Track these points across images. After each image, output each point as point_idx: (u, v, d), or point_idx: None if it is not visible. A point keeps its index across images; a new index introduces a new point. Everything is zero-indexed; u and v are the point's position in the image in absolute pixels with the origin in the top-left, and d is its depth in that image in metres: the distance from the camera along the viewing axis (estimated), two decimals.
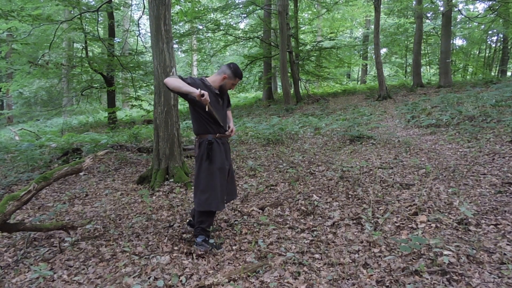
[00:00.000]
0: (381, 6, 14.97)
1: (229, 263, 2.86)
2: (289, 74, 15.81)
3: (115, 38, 14.66)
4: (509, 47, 19.61)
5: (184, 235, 3.38)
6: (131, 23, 20.43)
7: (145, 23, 26.90)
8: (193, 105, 2.97)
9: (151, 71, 12.64)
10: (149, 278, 2.64)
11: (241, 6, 17.48)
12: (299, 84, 17.07)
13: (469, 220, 3.24)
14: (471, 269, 2.48)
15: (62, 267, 2.90)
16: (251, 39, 18.93)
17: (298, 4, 17.97)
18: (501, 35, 19.76)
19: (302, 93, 17.35)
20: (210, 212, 3.09)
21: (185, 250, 3.08)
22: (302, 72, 18.10)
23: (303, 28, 20.91)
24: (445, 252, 2.66)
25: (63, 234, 3.50)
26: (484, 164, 4.93)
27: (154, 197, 4.54)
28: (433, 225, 3.22)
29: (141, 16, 12.01)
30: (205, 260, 2.92)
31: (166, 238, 3.37)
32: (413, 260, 2.65)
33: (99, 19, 13.63)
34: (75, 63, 13.31)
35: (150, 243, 3.28)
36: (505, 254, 2.63)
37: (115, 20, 14.24)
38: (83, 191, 4.96)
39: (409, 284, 2.34)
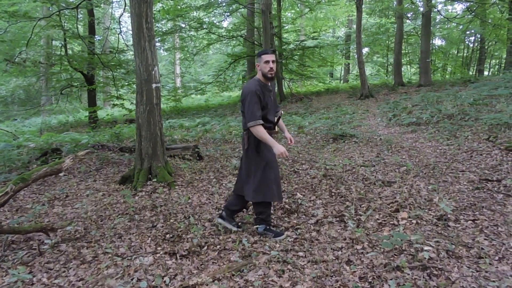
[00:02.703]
0: (363, 6, 15.15)
1: (213, 262, 2.85)
2: None
3: (96, 36, 14.38)
4: (486, 47, 20.16)
5: (167, 235, 3.35)
6: (112, 21, 20.06)
7: (127, 21, 26.53)
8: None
9: (133, 70, 12.46)
10: (132, 280, 2.61)
11: (224, 4, 17.39)
12: (283, 83, 17.13)
13: (448, 216, 3.33)
14: (451, 264, 2.54)
15: (42, 270, 2.83)
16: (234, 38, 18.87)
17: (281, 3, 18.01)
18: (478, 36, 20.29)
19: (286, 92, 17.42)
20: (265, 203, 3.16)
21: (168, 250, 3.05)
22: (285, 71, 18.15)
23: (286, 27, 20.95)
24: (426, 248, 2.72)
25: (43, 236, 3.41)
26: (462, 161, 5.06)
27: (136, 197, 4.48)
28: (414, 221, 3.29)
29: (122, 14, 11.82)
30: (189, 260, 2.90)
31: (149, 238, 3.33)
32: (395, 256, 2.70)
33: (79, 17, 13.31)
34: (54, 61, 12.97)
35: (133, 244, 3.23)
36: (482, 248, 2.71)
37: (95, 17, 13.95)
38: (63, 192, 4.85)
39: (391, 279, 2.38)
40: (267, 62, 3.01)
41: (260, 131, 2.97)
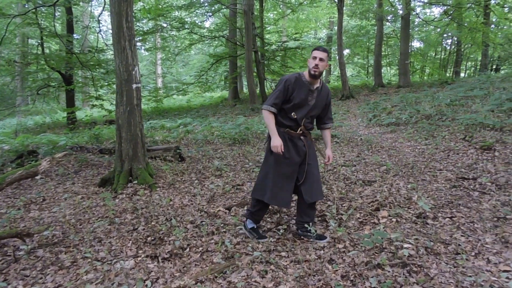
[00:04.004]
0: (344, 8, 15.36)
1: (196, 264, 2.82)
2: (254, 74, 15.86)
3: (74, 35, 14.05)
4: (462, 50, 20.75)
5: (149, 238, 3.30)
6: (91, 19, 19.65)
7: (106, 20, 26.04)
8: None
9: (112, 70, 12.23)
10: (112, 284, 2.56)
11: (206, 4, 17.30)
12: (265, 83, 17.17)
13: (427, 214, 3.40)
14: (429, 260, 2.60)
15: (17, 277, 2.74)
16: (216, 38, 18.80)
17: (263, 4, 18.06)
18: (455, 38, 20.87)
19: (268, 92, 17.46)
20: (260, 201, 3.08)
21: (150, 253, 3.01)
22: (267, 71, 18.20)
23: (268, 28, 21.03)
24: (405, 245, 2.77)
25: (18, 242, 3.30)
26: (440, 160, 5.19)
27: (117, 200, 4.40)
28: (394, 219, 3.35)
29: (102, 13, 11.61)
30: (171, 263, 2.86)
31: (130, 242, 3.27)
32: (376, 254, 2.74)
33: (56, 15, 12.99)
34: (30, 60, 12.62)
35: (113, 248, 3.17)
36: (459, 245, 2.79)
37: (73, 15, 13.64)
38: (40, 195, 4.71)
39: (372, 277, 2.42)
40: (314, 58, 2.86)
41: (266, 117, 2.94)
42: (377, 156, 5.75)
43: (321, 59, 2.84)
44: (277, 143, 2.85)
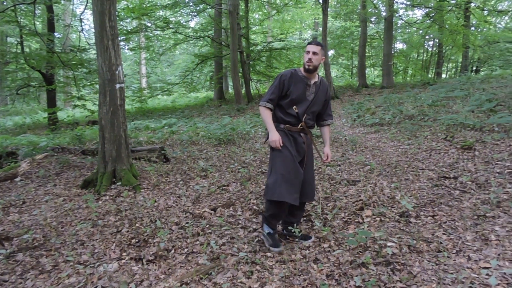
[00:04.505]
0: (329, 10, 15.50)
1: (181, 266, 2.79)
2: (240, 74, 15.85)
3: (55, 33, 13.75)
4: (443, 52, 21.22)
5: (133, 240, 3.25)
6: (73, 18, 19.28)
7: (89, 18, 25.61)
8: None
9: (95, 69, 12.03)
10: None
11: (191, 4, 17.20)
12: (250, 84, 17.18)
13: (410, 212, 3.46)
14: (412, 258, 2.64)
15: None
16: (201, 38, 18.71)
17: (248, 5, 18.07)
18: (437, 40, 21.33)
19: (253, 93, 17.48)
20: (273, 201, 2.86)
21: (134, 256, 2.96)
22: (253, 72, 18.22)
23: (253, 29, 21.05)
24: (389, 244, 2.81)
25: None
26: (422, 160, 5.28)
27: (100, 202, 4.32)
28: (378, 218, 3.39)
29: (84, 11, 11.41)
30: (155, 265, 2.83)
31: (114, 244, 3.22)
32: (360, 253, 2.77)
33: (37, 12, 12.69)
34: (9, 59, 12.29)
35: (96, 251, 3.11)
36: (441, 243, 2.84)
37: (55, 14, 13.35)
38: (20, 198, 4.59)
39: (356, 276, 2.44)
40: (307, 52, 2.82)
41: (262, 113, 2.91)
42: (361, 156, 5.82)
43: (314, 53, 2.80)
44: (275, 137, 2.81)
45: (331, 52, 26.01)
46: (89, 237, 3.38)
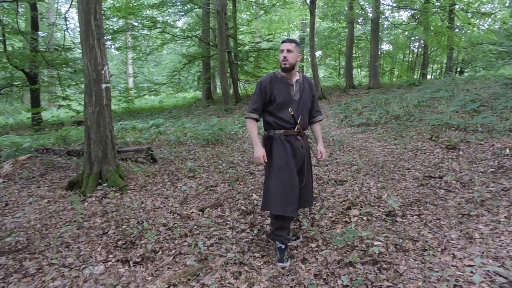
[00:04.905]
0: (316, 10, 15.60)
1: (168, 268, 2.77)
2: (228, 74, 15.82)
3: (39, 32, 13.49)
4: (429, 53, 21.58)
5: (119, 242, 3.21)
6: (57, 17, 18.95)
7: (74, 17, 25.21)
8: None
9: (81, 69, 11.85)
10: None
11: (178, 3, 17.09)
12: (238, 84, 17.16)
13: (396, 212, 3.50)
14: (398, 257, 2.67)
15: None
16: (189, 38, 18.61)
17: (236, 5, 18.05)
18: (422, 42, 21.67)
19: (241, 93, 17.47)
20: (275, 215, 2.76)
21: (121, 258, 2.93)
22: (241, 72, 18.20)
23: (241, 29, 21.04)
24: (376, 243, 2.84)
25: None
26: (408, 160, 5.35)
27: (86, 203, 4.26)
28: (365, 218, 3.42)
29: (69, 10, 11.22)
30: (143, 267, 2.80)
31: (100, 246, 3.17)
32: (347, 252, 2.79)
33: (20, 11, 12.44)
34: None
35: (82, 253, 3.06)
36: (427, 241, 2.88)
37: (38, 12, 13.10)
38: (2, 200, 4.48)
39: (344, 275, 2.46)
40: (282, 51, 2.72)
41: (248, 126, 2.82)
42: (349, 156, 5.87)
43: (288, 51, 2.69)
44: (258, 153, 2.70)
45: (318, 53, 26.19)
46: (74, 239, 3.33)
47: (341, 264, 2.62)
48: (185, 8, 17.75)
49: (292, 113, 2.75)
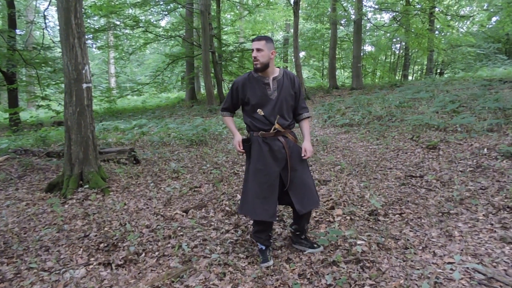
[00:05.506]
0: (300, 12, 15.70)
1: (151, 270, 2.73)
2: (212, 75, 15.75)
3: (17, 30, 13.14)
4: (410, 54, 22.01)
5: (101, 245, 3.15)
6: (36, 14, 18.48)
7: (54, 15, 24.60)
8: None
9: (61, 68, 11.59)
10: None
11: (161, 3, 16.91)
12: (223, 84, 17.10)
13: (379, 211, 3.55)
14: (381, 256, 2.71)
15: None
16: (172, 38, 18.44)
17: (220, 5, 17.99)
18: (403, 43, 22.10)
19: (226, 93, 17.39)
20: (257, 220, 2.73)
21: (103, 261, 2.87)
22: (225, 72, 18.15)
23: (225, 29, 21.00)
24: (359, 242, 2.88)
25: None
26: (390, 159, 5.44)
27: (66, 206, 4.16)
28: (348, 217, 3.46)
29: (48, 7, 10.96)
30: (125, 270, 2.76)
31: (81, 249, 3.11)
32: (331, 252, 2.81)
33: None
34: None
35: (62, 257, 2.99)
36: (408, 240, 2.94)
37: (16, 9, 12.75)
38: None
39: (327, 274, 2.48)
40: (252, 50, 2.60)
41: (224, 120, 2.90)
42: (332, 156, 5.93)
43: (258, 49, 2.56)
44: (235, 140, 2.74)
45: (302, 54, 26.36)
46: (54, 242, 3.25)
47: (325, 263, 2.64)
48: (168, 7, 17.57)
49: (262, 114, 2.64)
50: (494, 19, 21.69)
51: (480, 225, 3.10)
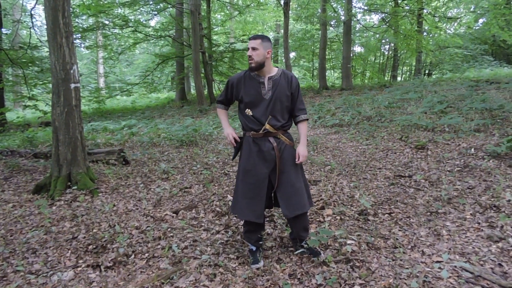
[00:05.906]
0: (290, 12, 15.75)
1: (141, 271, 2.71)
2: (202, 75, 15.70)
3: (3, 29, 12.91)
4: (399, 55, 22.25)
5: (90, 247, 3.11)
6: (23, 13, 18.18)
7: (41, 14, 24.25)
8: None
9: (48, 68, 11.43)
10: None
11: (151, 2, 16.79)
12: (213, 85, 17.06)
13: (368, 210, 3.58)
14: (370, 255, 2.73)
15: None
16: (162, 38, 18.32)
17: (210, 5, 17.94)
18: (392, 44, 22.31)
19: (216, 94, 17.36)
20: (247, 221, 2.74)
21: (91, 263, 2.84)
22: (215, 73, 18.10)
23: (216, 29, 20.94)
24: (349, 242, 2.89)
25: None
26: (379, 160, 5.49)
27: (54, 207, 4.10)
28: (338, 217, 3.48)
29: (35, 6, 10.80)
30: (114, 272, 2.73)
31: (69, 251, 3.06)
32: (321, 251, 2.82)
33: None
34: None
35: (49, 259, 2.94)
36: (397, 239, 2.97)
37: (2, 8, 12.53)
38: None
39: (318, 274, 2.49)
40: (248, 49, 2.57)
41: (217, 112, 2.92)
42: (322, 156, 5.96)
43: (253, 48, 2.54)
44: (226, 132, 2.76)
45: (292, 54, 26.45)
46: (41, 245, 3.20)
47: (315, 263, 2.65)
48: (158, 7, 17.46)
49: (251, 114, 2.61)
50: (480, 21, 22.09)
51: (468, 224, 3.15)
